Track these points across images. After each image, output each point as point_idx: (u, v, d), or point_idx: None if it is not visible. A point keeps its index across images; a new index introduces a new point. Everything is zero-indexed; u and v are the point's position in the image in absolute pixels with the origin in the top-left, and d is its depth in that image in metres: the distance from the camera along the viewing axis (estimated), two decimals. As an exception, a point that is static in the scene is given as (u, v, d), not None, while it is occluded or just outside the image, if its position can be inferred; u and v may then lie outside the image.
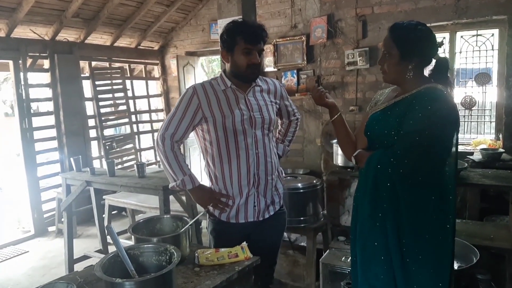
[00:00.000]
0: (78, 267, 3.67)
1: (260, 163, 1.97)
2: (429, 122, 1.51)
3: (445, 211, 1.61)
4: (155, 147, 1.98)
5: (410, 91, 1.63)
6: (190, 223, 1.76)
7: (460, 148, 4.27)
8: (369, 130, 1.74)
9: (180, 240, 1.70)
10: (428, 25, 1.68)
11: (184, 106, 1.91)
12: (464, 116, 4.50)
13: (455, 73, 4.43)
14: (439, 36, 4.36)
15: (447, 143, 1.57)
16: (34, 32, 4.74)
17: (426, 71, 1.69)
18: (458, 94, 4.48)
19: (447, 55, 4.40)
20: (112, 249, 3.93)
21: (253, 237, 2.07)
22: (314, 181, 3.14)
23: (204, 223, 4.10)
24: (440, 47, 1.70)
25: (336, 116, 1.84)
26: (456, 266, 2.38)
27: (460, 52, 4.39)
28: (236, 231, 2.01)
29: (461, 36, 4.37)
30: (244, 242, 1.79)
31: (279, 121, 2.32)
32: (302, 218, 3.06)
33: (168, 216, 1.93)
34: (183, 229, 1.73)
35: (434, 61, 1.67)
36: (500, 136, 4.16)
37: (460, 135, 4.49)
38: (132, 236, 1.71)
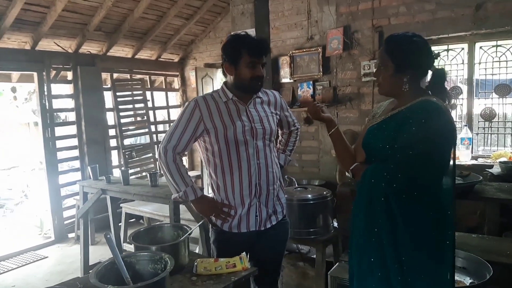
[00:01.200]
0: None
1: (262, 173, 1.99)
2: (423, 136, 1.48)
3: (444, 226, 1.56)
4: (158, 159, 2.01)
5: (405, 104, 1.61)
6: (188, 233, 1.79)
7: (480, 161, 4.16)
8: (365, 143, 1.72)
9: (179, 248, 1.72)
10: (446, 35, 1.67)
11: (186, 118, 1.95)
12: (484, 128, 4.38)
13: (475, 84, 4.33)
14: (457, 47, 4.36)
15: (443, 157, 1.53)
16: (58, 45, 4.93)
17: (423, 83, 1.67)
18: (477, 106, 4.38)
19: (466, 66, 4.32)
20: (126, 256, 4.02)
21: (255, 247, 2.08)
22: (324, 193, 3.11)
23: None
24: (436, 58, 1.68)
25: (333, 130, 1.83)
26: (468, 282, 2.31)
27: (480, 63, 4.29)
28: (238, 241, 2.02)
29: (480, 47, 4.27)
30: (243, 253, 1.80)
31: (280, 132, 2.33)
32: (311, 230, 3.03)
33: (169, 225, 1.96)
34: (181, 238, 1.75)
35: (430, 72, 1.64)
36: (522, 149, 4.03)
37: (480, 148, 4.43)
38: (133, 245, 1.74)
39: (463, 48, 4.34)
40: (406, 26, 4.42)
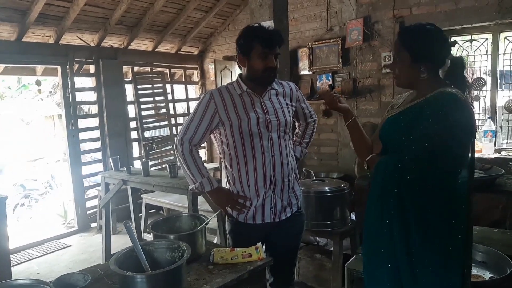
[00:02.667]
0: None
1: (276, 165, 1.99)
2: (439, 128, 1.46)
3: (456, 221, 1.53)
4: (174, 150, 2.04)
5: (424, 95, 1.59)
6: (206, 222, 1.82)
7: (503, 154, 4.06)
8: (382, 134, 1.71)
9: (196, 238, 1.76)
10: (469, 25, 1.64)
11: (201, 111, 1.97)
12: (508, 120, 4.27)
13: (498, 75, 4.21)
14: (481, 37, 4.24)
15: (459, 150, 1.50)
16: (81, 39, 5.03)
17: (441, 73, 1.64)
18: (501, 98, 4.27)
19: (490, 57, 4.21)
20: (147, 246, 4.11)
21: (271, 238, 2.10)
22: (342, 185, 3.11)
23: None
24: (453, 46, 1.64)
25: (350, 120, 1.81)
26: (487, 276, 2.27)
27: (504, 54, 4.17)
28: (253, 232, 2.05)
29: (505, 37, 4.15)
30: (259, 243, 1.83)
31: (296, 124, 2.33)
32: (329, 222, 3.03)
33: (187, 214, 2.00)
34: (198, 228, 1.79)
35: (448, 62, 1.61)
36: (548, 142, 3.92)
37: (503, 141, 4.32)
38: (151, 233, 1.79)
39: (487, 39, 4.22)
40: (428, 16, 4.33)
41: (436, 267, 1.51)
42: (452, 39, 2.41)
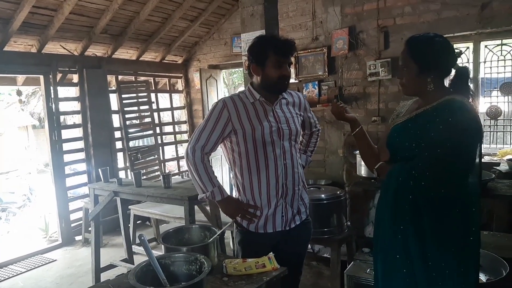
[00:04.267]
0: (105, 276, 3.76)
1: (288, 173, 2.01)
2: (450, 134, 1.51)
3: (469, 223, 1.59)
4: (185, 158, 2.01)
5: (430, 103, 1.63)
6: (218, 233, 1.80)
7: (486, 158, 4.21)
8: (390, 142, 1.75)
9: (209, 249, 1.74)
10: (451, 35, 1.70)
11: (214, 119, 1.96)
12: (490, 126, 4.43)
13: (480, 82, 4.38)
14: (462, 46, 4.40)
15: (470, 155, 1.56)
16: (64, 48, 4.93)
17: (447, 82, 1.69)
18: (483, 104, 4.43)
19: (471, 65, 4.36)
20: (137, 258, 4.03)
21: (280, 247, 2.09)
22: (338, 192, 3.15)
23: (228, 234, 4.15)
24: (459, 56, 1.70)
25: (357, 129, 1.85)
26: (484, 279, 2.34)
27: (485, 62, 4.35)
28: (263, 241, 2.04)
29: (485, 46, 4.33)
30: (271, 253, 1.82)
31: (301, 133, 2.36)
32: (326, 229, 3.06)
33: (197, 225, 1.98)
34: (211, 239, 1.77)
35: (453, 71, 1.66)
36: (528, 146, 4.08)
37: (485, 146, 4.48)
38: (163, 246, 1.76)
39: (468, 47, 4.39)
40: (412, 26, 4.47)
41: (452, 270, 1.56)
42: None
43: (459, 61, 1.70)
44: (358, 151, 3.22)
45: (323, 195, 3.10)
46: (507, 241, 2.83)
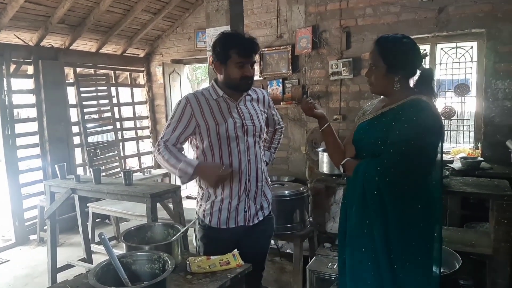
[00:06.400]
0: (62, 276, 3.63)
1: (251, 169, 2.02)
2: (414, 132, 1.57)
3: (432, 219, 1.66)
4: (155, 157, 2.02)
5: (396, 102, 1.69)
6: (182, 231, 1.78)
7: (441, 156, 4.39)
8: (356, 139, 1.79)
9: (173, 247, 1.71)
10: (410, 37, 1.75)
11: (178, 115, 1.97)
12: (444, 125, 4.63)
13: (436, 83, 4.55)
14: (421, 48, 4.56)
15: (432, 152, 1.63)
16: (19, 38, 4.69)
17: (412, 82, 1.75)
18: (438, 104, 4.61)
19: (427, 67, 4.53)
20: (96, 257, 3.91)
21: (242, 243, 2.09)
22: (301, 189, 3.19)
23: (191, 231, 4.10)
24: (425, 58, 1.77)
25: (325, 126, 1.89)
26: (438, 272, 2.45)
27: (440, 64, 4.54)
28: (226, 237, 2.04)
29: (441, 48, 4.52)
30: (236, 250, 1.82)
31: (265, 129, 2.37)
32: (289, 225, 3.09)
33: (160, 223, 1.95)
34: (175, 237, 1.74)
35: (419, 72, 1.73)
36: (479, 145, 4.30)
37: (441, 144, 4.68)
38: (124, 244, 1.71)
39: (425, 49, 4.55)
40: (373, 27, 4.59)
41: (414, 262, 1.62)
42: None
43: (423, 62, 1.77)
44: (321, 148, 3.28)
45: (286, 192, 3.12)
46: (460, 235, 2.96)
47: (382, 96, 1.84)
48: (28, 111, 5.73)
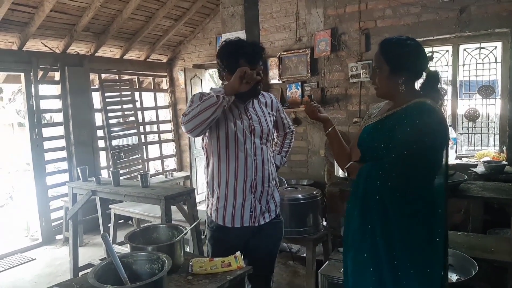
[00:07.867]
0: (83, 275, 3.73)
1: (258, 169, 2.04)
2: (417, 136, 1.53)
3: (434, 224, 1.61)
4: (183, 126, 1.93)
5: (400, 105, 1.66)
6: (184, 232, 1.81)
7: (464, 160, 4.27)
8: (361, 142, 1.78)
9: (175, 248, 1.74)
10: (431, 38, 1.72)
11: (199, 96, 1.95)
12: (468, 128, 4.50)
13: (459, 85, 4.44)
14: (442, 49, 4.46)
15: (435, 157, 1.58)
16: (46, 45, 4.89)
17: (417, 85, 1.72)
18: (461, 107, 4.49)
19: (450, 68, 4.42)
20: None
21: (250, 245, 2.13)
22: (314, 192, 3.18)
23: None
24: (431, 60, 1.73)
25: (330, 129, 1.88)
26: (454, 278, 2.38)
27: (464, 65, 4.41)
28: (233, 238, 2.07)
29: (464, 49, 4.39)
30: (238, 252, 1.83)
31: (275, 134, 2.38)
32: (302, 229, 3.09)
33: (165, 225, 1.99)
34: (177, 238, 1.77)
35: (424, 74, 1.69)
36: (504, 148, 4.15)
37: (464, 147, 4.54)
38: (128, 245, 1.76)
39: (447, 50, 4.45)
40: (392, 28, 4.52)
41: (418, 269, 1.58)
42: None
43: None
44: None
45: (299, 195, 3.13)
46: (480, 241, 2.87)
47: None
48: (54, 116, 5.95)
